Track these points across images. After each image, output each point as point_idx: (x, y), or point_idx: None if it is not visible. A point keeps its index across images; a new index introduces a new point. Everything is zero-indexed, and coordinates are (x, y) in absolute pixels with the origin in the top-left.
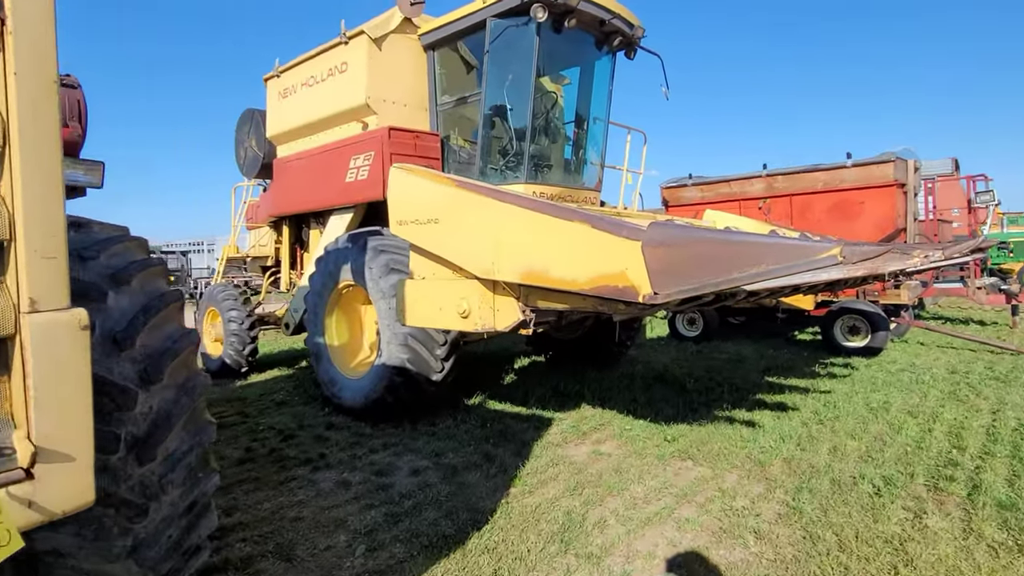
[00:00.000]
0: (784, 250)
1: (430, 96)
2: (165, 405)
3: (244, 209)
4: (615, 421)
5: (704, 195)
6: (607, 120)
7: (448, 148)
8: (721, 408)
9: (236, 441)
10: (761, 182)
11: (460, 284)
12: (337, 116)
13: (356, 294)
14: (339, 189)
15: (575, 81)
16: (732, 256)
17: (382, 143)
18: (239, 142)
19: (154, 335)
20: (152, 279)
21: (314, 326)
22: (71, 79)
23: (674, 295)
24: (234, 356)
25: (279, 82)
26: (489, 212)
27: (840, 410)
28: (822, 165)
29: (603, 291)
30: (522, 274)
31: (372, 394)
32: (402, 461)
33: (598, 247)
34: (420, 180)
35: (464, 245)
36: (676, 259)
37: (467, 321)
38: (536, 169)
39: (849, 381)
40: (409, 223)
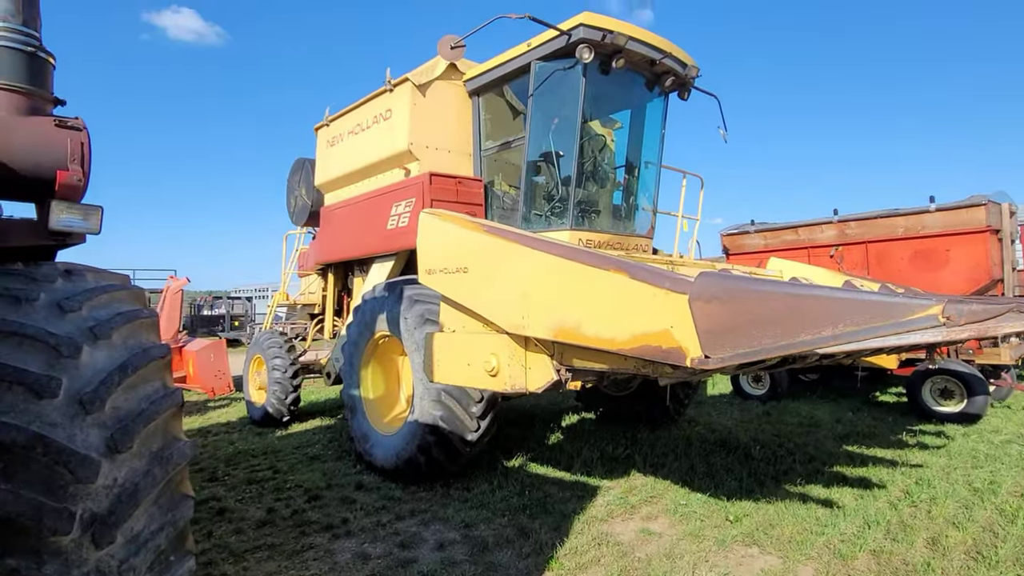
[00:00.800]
0: (867, 308)
1: (474, 141)
2: (133, 477)
3: (295, 256)
4: (669, 493)
5: (768, 242)
6: (660, 164)
7: (492, 194)
8: (793, 483)
9: (261, 500)
10: (832, 228)
11: (489, 339)
12: (381, 163)
13: (392, 345)
14: (381, 236)
15: (626, 124)
16: (801, 314)
17: (423, 189)
18: (290, 190)
19: (129, 396)
20: (138, 333)
21: (349, 377)
22: (77, 121)
23: (730, 360)
24: (276, 405)
25: (328, 131)
26: (518, 260)
27: (936, 490)
28: (901, 210)
29: (645, 352)
30: (554, 330)
31: (404, 453)
32: (429, 531)
33: (638, 300)
34: (449, 226)
35: (493, 296)
36: (731, 317)
37: (496, 380)
38: (583, 215)
39: (945, 454)
40: (438, 272)
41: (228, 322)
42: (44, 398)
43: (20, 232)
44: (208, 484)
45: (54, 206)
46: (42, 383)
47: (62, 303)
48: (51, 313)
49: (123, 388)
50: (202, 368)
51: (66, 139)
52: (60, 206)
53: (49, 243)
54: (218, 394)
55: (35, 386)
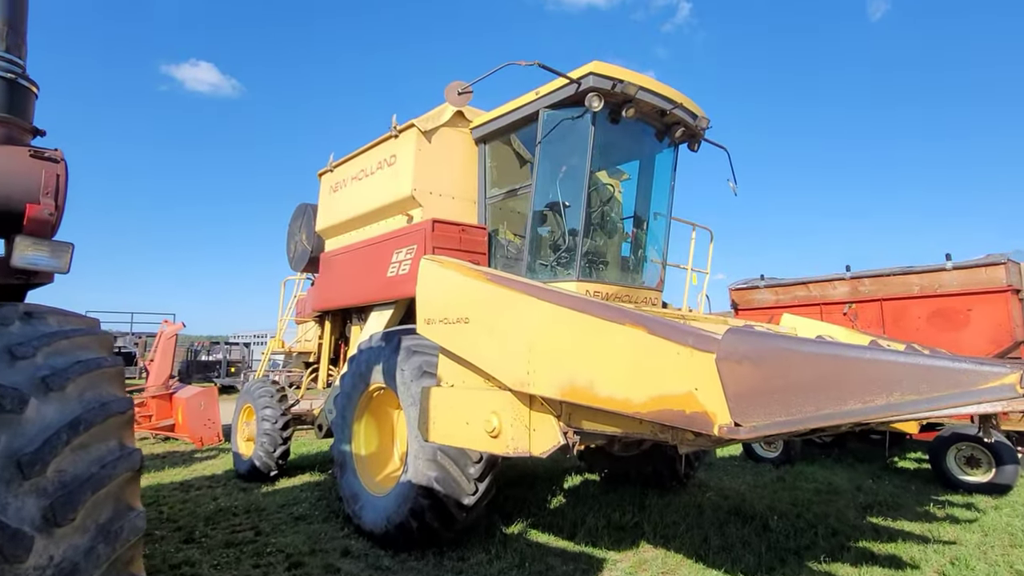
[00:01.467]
0: (929, 374)
1: (479, 189)
2: (73, 555)
3: (293, 303)
4: (682, 569)
5: (779, 298)
6: (669, 216)
7: (496, 242)
8: (817, 559)
9: (238, 566)
10: (845, 285)
11: (491, 396)
12: (384, 208)
13: (388, 398)
14: (380, 284)
15: (634, 175)
16: (849, 379)
17: (425, 235)
18: (291, 236)
19: (78, 458)
20: (97, 384)
21: (341, 432)
22: (55, 153)
23: (765, 430)
24: (264, 458)
25: (332, 176)
26: (523, 311)
27: (976, 572)
28: (916, 267)
29: (665, 417)
30: (562, 389)
31: (395, 517)
32: None
33: (658, 359)
34: (450, 273)
35: (496, 350)
36: (765, 380)
37: (496, 442)
38: (590, 266)
39: (978, 529)
40: (437, 322)
41: (224, 368)
42: None
43: None
44: (184, 546)
45: (18, 241)
46: None
47: (14, 349)
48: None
49: (72, 448)
50: (191, 416)
51: (40, 171)
52: (25, 242)
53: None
54: (206, 444)
55: None
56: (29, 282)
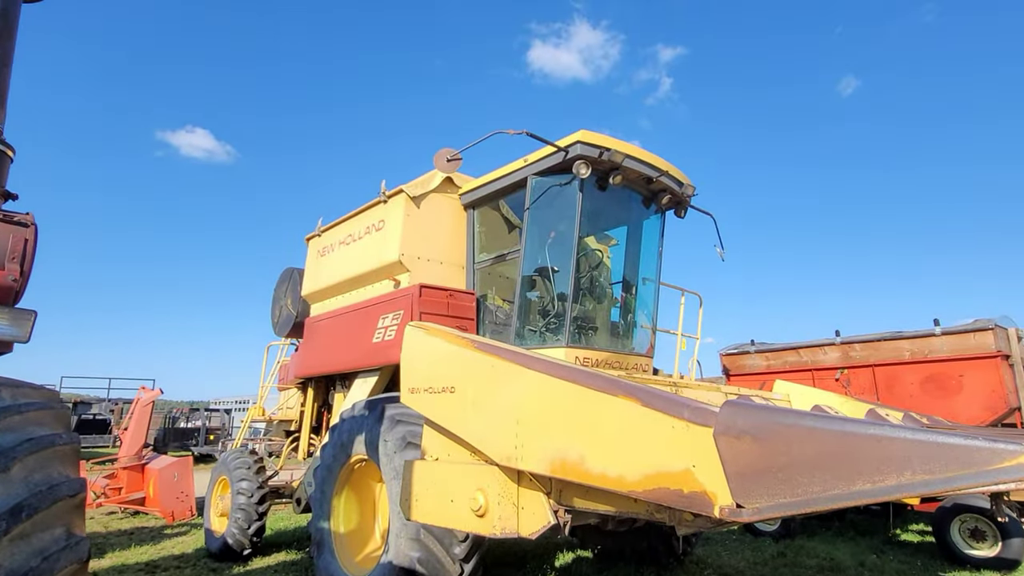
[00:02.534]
0: (943, 453)
1: (468, 254)
2: None
3: (276, 369)
4: None
5: (770, 363)
6: (658, 281)
7: (484, 308)
8: None
9: None
10: (835, 350)
11: (477, 471)
12: (370, 273)
13: (370, 471)
14: (365, 350)
15: (622, 240)
16: (857, 458)
17: (412, 301)
18: (275, 300)
19: (17, 550)
20: (48, 464)
21: (320, 507)
22: (26, 217)
23: (769, 512)
24: (237, 535)
25: (319, 241)
26: (511, 381)
27: None
28: (905, 333)
29: (661, 497)
30: (552, 464)
31: None
32: None
33: (652, 433)
34: (435, 340)
35: (482, 421)
36: (767, 457)
37: (483, 522)
38: (580, 332)
39: None
40: (422, 391)
41: (203, 435)
42: None
43: None
44: None
45: None
46: None
47: None
48: None
49: (11, 539)
50: (163, 489)
51: (8, 236)
52: None
53: None
54: (177, 519)
55: None
56: None
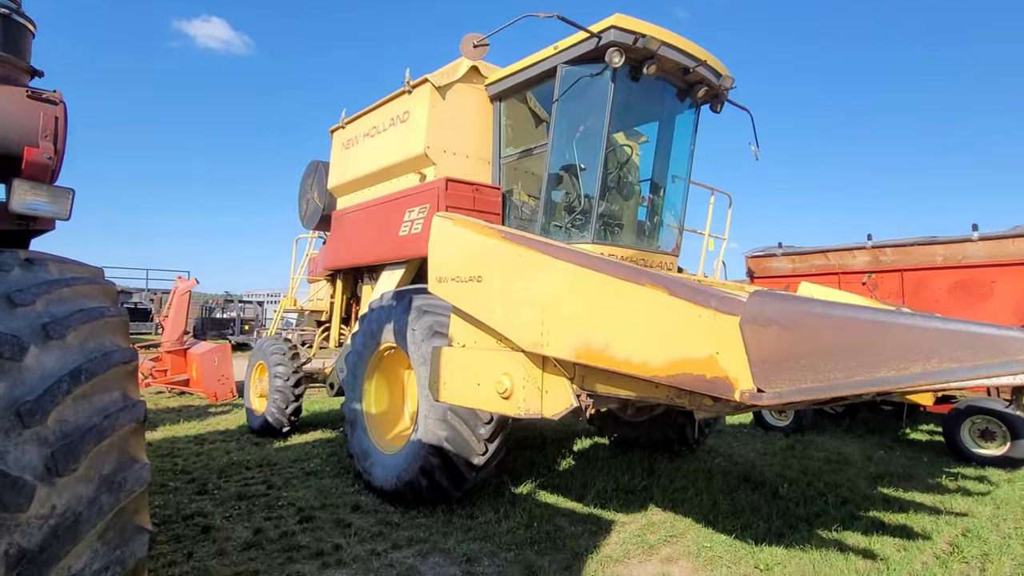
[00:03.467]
0: (972, 342)
1: (494, 148)
2: (75, 506)
3: (305, 261)
4: (690, 533)
5: (796, 266)
6: (688, 179)
7: (510, 203)
8: (827, 527)
9: (250, 518)
10: (865, 254)
11: (503, 356)
12: (396, 166)
13: (398, 358)
14: (392, 243)
15: (653, 136)
16: (885, 346)
17: (438, 195)
18: (302, 194)
19: (80, 408)
20: (100, 333)
21: (352, 390)
22: (54, 94)
23: (789, 396)
24: (276, 414)
25: (343, 133)
26: (539, 270)
27: (988, 544)
28: (940, 238)
29: (683, 382)
30: (576, 351)
31: (405, 475)
32: (427, 565)
33: (678, 321)
34: (463, 231)
35: (509, 310)
36: (793, 345)
37: (508, 403)
38: (605, 229)
39: (990, 502)
40: (449, 280)
41: (238, 326)
42: None
43: None
44: (197, 498)
45: (17, 186)
46: None
47: (13, 296)
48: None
49: (73, 398)
50: (205, 372)
51: (38, 113)
52: (24, 186)
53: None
54: (220, 400)
55: None
56: (29, 228)
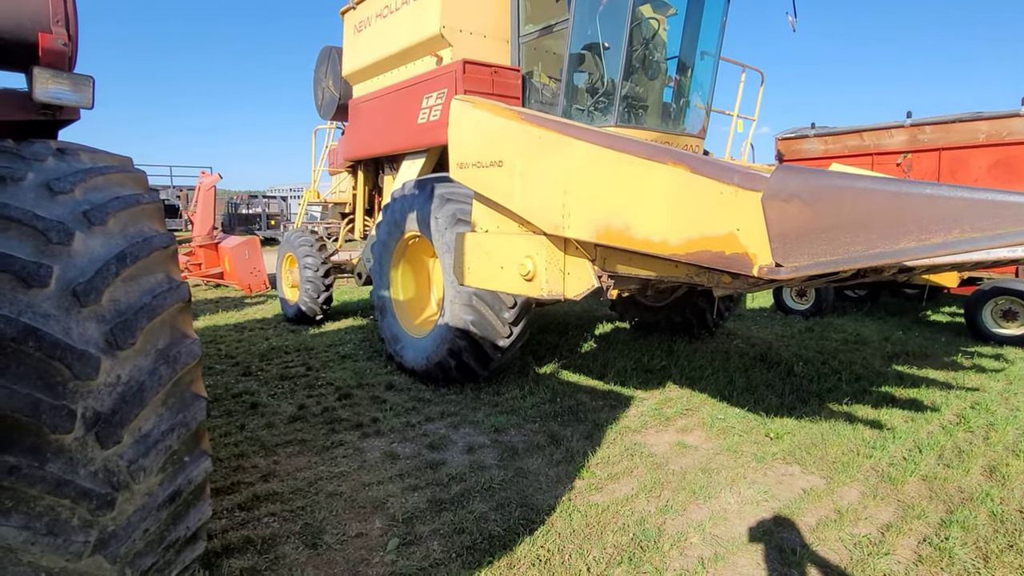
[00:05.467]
0: (993, 210)
1: (512, 26)
2: (137, 376)
3: (325, 153)
4: (706, 407)
5: (829, 148)
6: (718, 56)
7: (530, 85)
8: (838, 401)
9: (293, 396)
10: (903, 133)
11: (525, 240)
12: (411, 49)
13: (423, 246)
14: (411, 131)
15: (682, 8)
16: (906, 216)
17: (456, 78)
18: (317, 82)
19: (129, 289)
20: (138, 220)
21: (379, 278)
22: None
23: (806, 270)
24: (309, 304)
25: (355, 14)
26: (559, 152)
27: (995, 416)
28: (984, 113)
29: (703, 259)
30: (597, 232)
31: (434, 356)
32: (458, 435)
33: (699, 199)
34: (483, 114)
35: (530, 193)
36: (815, 219)
37: (531, 285)
38: (629, 111)
39: (1003, 378)
40: (470, 166)
41: (264, 221)
42: (33, 287)
43: (7, 105)
44: (243, 378)
45: (38, 74)
46: (30, 271)
47: (52, 184)
48: (40, 195)
49: (122, 279)
50: (238, 265)
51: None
52: (45, 74)
53: (38, 118)
54: (254, 291)
55: (23, 274)
56: (56, 118)
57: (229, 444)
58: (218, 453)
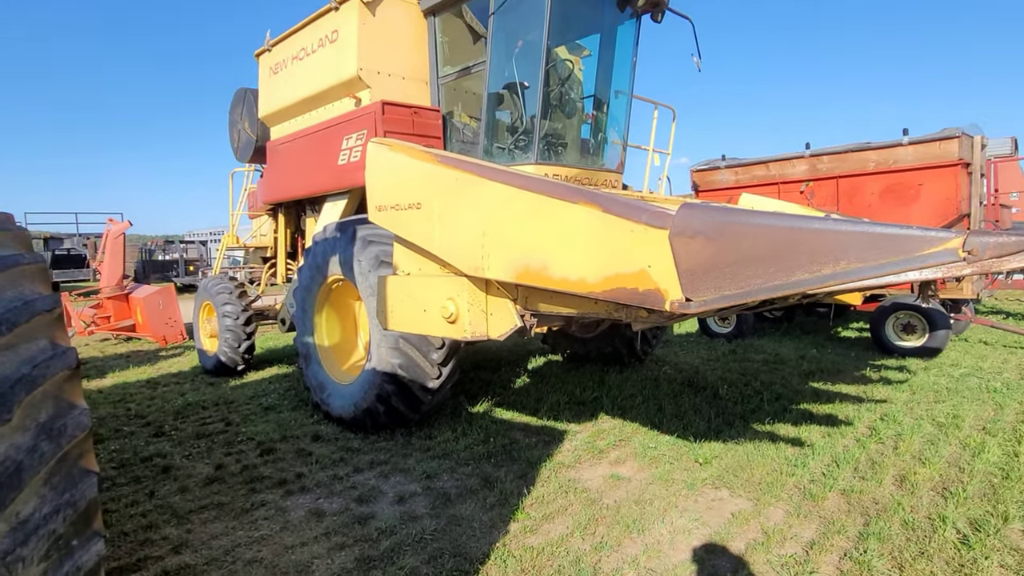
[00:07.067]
0: (876, 241)
1: (431, 67)
2: (14, 455)
3: (244, 196)
4: (637, 436)
5: (739, 178)
6: (631, 94)
7: (451, 125)
8: (761, 421)
9: (210, 455)
10: (803, 163)
11: (446, 282)
12: (328, 91)
13: (347, 289)
14: (332, 173)
15: (595, 50)
16: (798, 250)
17: (375, 119)
18: (232, 124)
19: (5, 359)
20: (18, 282)
21: (303, 324)
22: None
23: (714, 304)
24: (229, 353)
25: (270, 56)
26: (475, 193)
27: (902, 425)
28: (873, 143)
29: (619, 296)
30: (517, 272)
31: (362, 403)
32: (388, 484)
33: (611, 237)
34: (399, 156)
35: (449, 235)
36: (717, 254)
37: (454, 327)
38: (549, 148)
39: (907, 388)
40: (388, 208)
41: (182, 267)
42: None
43: None
44: (154, 440)
45: None
46: None
47: None
48: None
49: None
50: (151, 315)
51: None
52: None
53: None
54: (170, 342)
55: None
56: None
57: (136, 515)
58: (123, 526)
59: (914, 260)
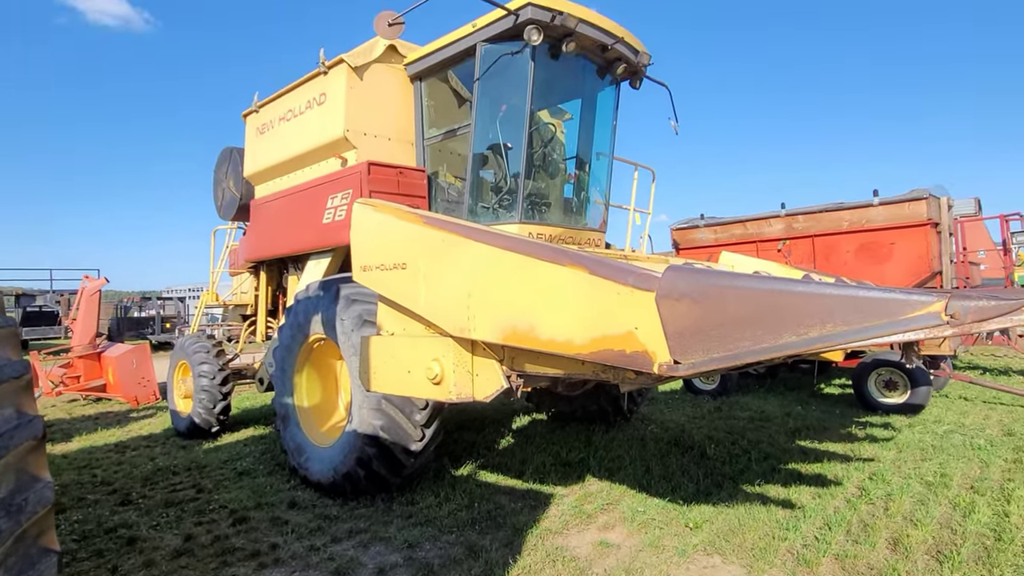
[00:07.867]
0: (860, 305)
1: (416, 129)
2: None
3: (225, 254)
4: (625, 499)
5: (718, 236)
6: (611, 155)
7: (436, 185)
8: (750, 482)
9: (179, 525)
10: (780, 222)
11: (432, 343)
12: (315, 151)
13: (329, 349)
14: (316, 231)
15: (576, 113)
16: (785, 313)
17: (361, 179)
18: (217, 182)
19: None
20: None
21: (282, 384)
22: None
23: (703, 366)
24: (203, 415)
25: (257, 117)
26: (461, 254)
27: (891, 485)
28: (846, 204)
29: (606, 357)
30: (503, 333)
31: (342, 467)
32: (368, 555)
33: (598, 299)
34: (384, 217)
35: (435, 295)
36: (704, 317)
37: (439, 388)
38: (533, 208)
39: (893, 446)
40: (374, 268)
41: (159, 324)
42: None
43: None
44: (119, 509)
45: None
46: None
47: None
48: None
49: None
50: (123, 375)
51: None
52: None
53: None
54: (142, 403)
55: None
56: None
57: None
58: None
59: (898, 324)
